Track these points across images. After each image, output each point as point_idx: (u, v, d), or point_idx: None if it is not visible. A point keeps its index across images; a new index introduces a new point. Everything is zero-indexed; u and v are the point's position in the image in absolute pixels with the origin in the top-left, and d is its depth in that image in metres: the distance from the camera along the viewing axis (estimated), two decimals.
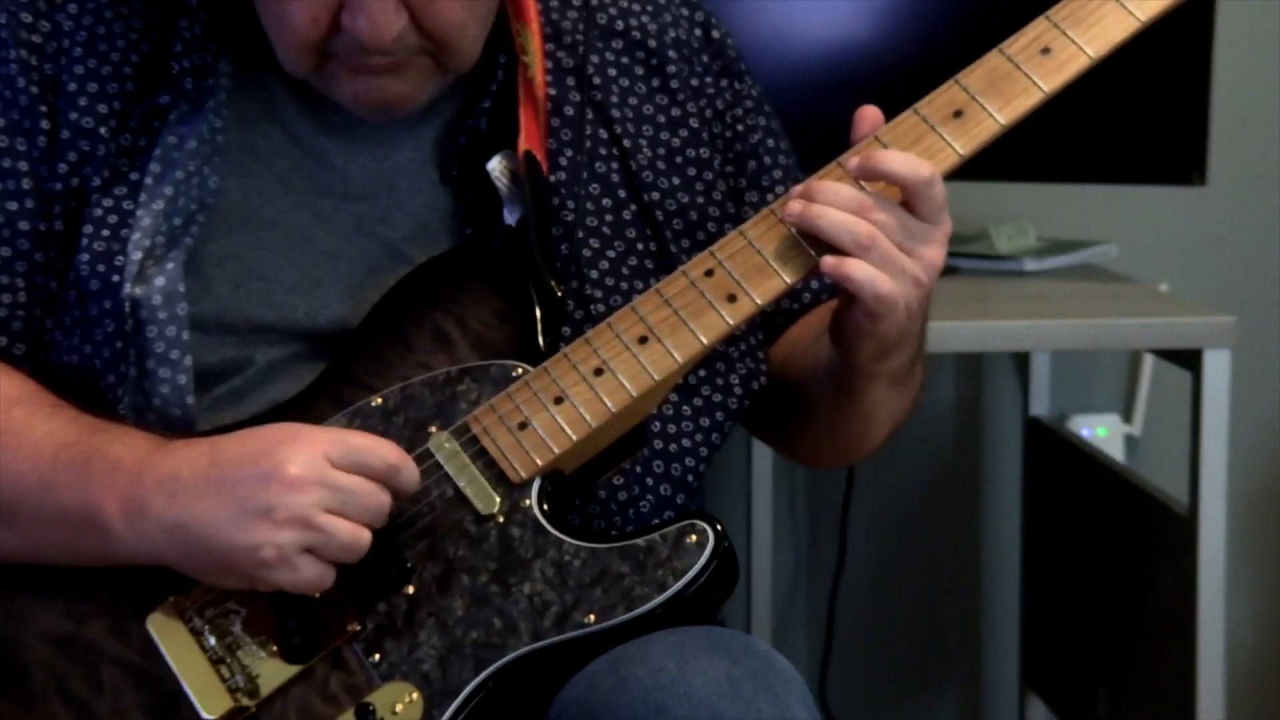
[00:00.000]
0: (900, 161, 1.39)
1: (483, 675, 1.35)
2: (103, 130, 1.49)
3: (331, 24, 1.45)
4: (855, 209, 1.38)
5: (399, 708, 1.35)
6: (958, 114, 1.42)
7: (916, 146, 1.42)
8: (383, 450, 1.37)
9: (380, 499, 1.36)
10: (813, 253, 1.41)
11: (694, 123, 1.63)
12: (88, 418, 1.44)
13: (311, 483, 1.33)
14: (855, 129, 1.44)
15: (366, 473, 1.36)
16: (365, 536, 1.35)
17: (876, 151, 1.40)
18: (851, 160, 1.40)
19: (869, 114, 1.44)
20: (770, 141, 1.68)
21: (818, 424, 1.62)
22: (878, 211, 1.38)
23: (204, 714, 1.36)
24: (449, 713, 1.34)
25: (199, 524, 1.34)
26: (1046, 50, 1.43)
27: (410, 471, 1.38)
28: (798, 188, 1.42)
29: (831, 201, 1.38)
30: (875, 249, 1.37)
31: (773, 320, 1.66)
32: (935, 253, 1.41)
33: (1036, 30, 1.44)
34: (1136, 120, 2.49)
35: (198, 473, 1.36)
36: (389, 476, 1.36)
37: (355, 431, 1.39)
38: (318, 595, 1.37)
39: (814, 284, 1.66)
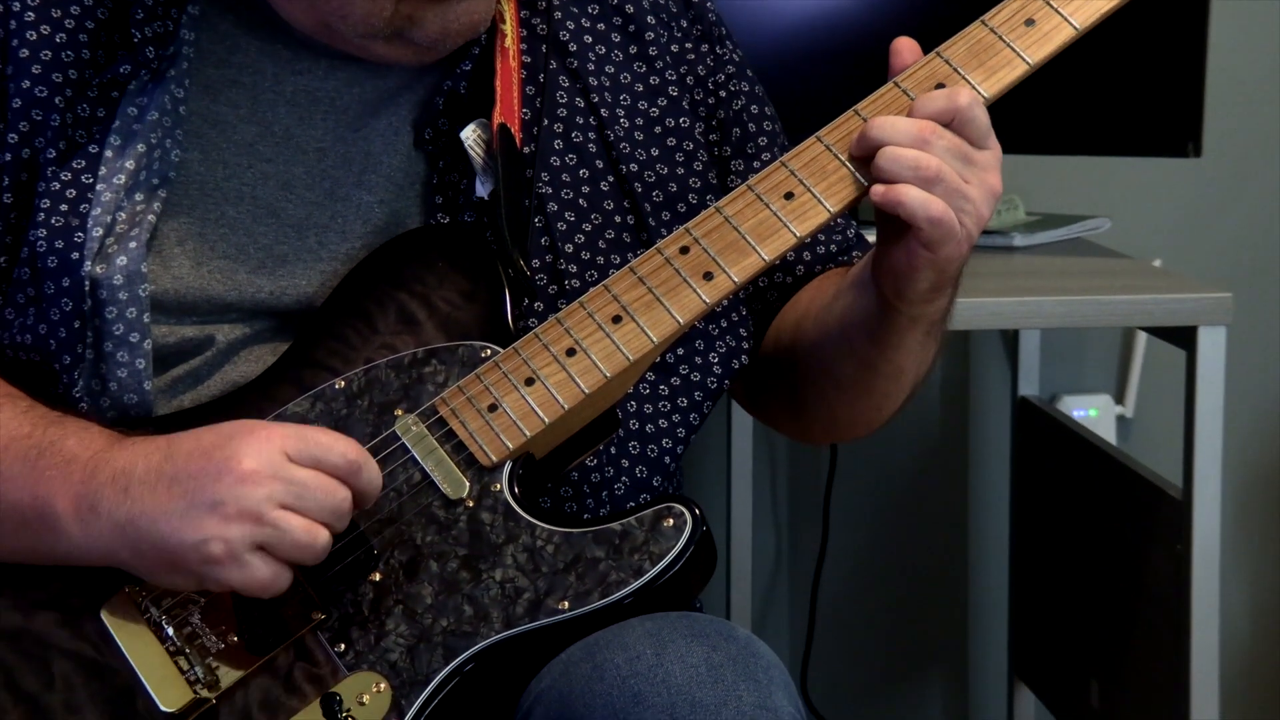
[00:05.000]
0: (935, 100, 1.38)
1: (453, 664, 1.33)
2: (57, 100, 1.47)
3: None
4: (916, 138, 1.36)
5: (366, 698, 1.32)
6: (939, 87, 1.41)
7: None
8: (343, 446, 1.33)
9: (339, 495, 1.32)
10: (792, 229, 1.39)
11: (673, 90, 1.61)
12: (41, 409, 1.41)
13: (265, 476, 1.30)
14: (895, 59, 1.42)
15: (326, 469, 1.32)
16: (323, 535, 1.31)
17: (913, 103, 1.39)
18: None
19: (907, 45, 1.43)
20: (754, 108, 1.66)
21: (841, 388, 1.59)
22: (939, 137, 1.37)
23: (162, 707, 1.33)
24: (418, 703, 1.32)
25: (148, 519, 1.31)
26: (1030, 21, 1.42)
27: (372, 470, 1.34)
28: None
29: (889, 136, 1.37)
30: (941, 182, 1.36)
31: (766, 296, 1.64)
32: (993, 178, 1.40)
33: (1020, 1, 1.43)
34: (1129, 90, 2.47)
35: (151, 468, 1.33)
36: (350, 474, 1.33)
37: (316, 427, 1.36)
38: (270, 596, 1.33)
39: (806, 255, 1.64)
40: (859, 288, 1.50)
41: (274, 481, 1.30)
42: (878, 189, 1.37)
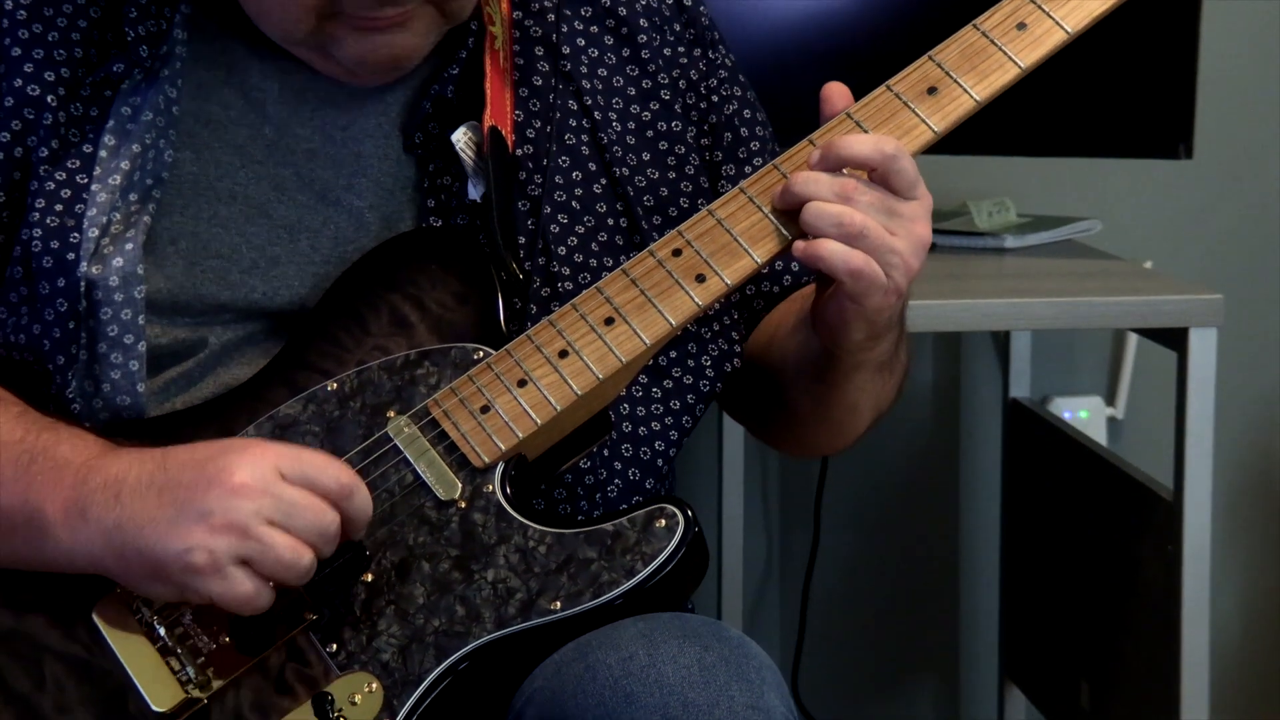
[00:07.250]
0: (862, 144, 1.37)
1: (445, 664, 1.33)
2: (50, 99, 1.46)
3: None
4: (840, 194, 1.36)
5: (358, 698, 1.32)
6: (931, 90, 1.41)
7: (890, 123, 1.41)
8: (335, 470, 1.33)
9: (328, 518, 1.32)
10: (785, 232, 1.40)
11: (666, 94, 1.60)
12: (34, 414, 1.41)
13: (256, 490, 1.30)
14: (825, 106, 1.42)
15: (317, 490, 1.32)
16: (307, 555, 1.31)
17: (836, 139, 1.38)
18: (814, 153, 1.39)
19: (837, 90, 1.42)
20: (746, 112, 1.66)
21: (799, 415, 1.60)
22: (861, 193, 1.36)
23: (154, 707, 1.33)
24: (410, 703, 1.32)
25: (134, 525, 1.31)
26: (1022, 25, 1.42)
27: (363, 496, 1.34)
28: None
29: (813, 192, 1.36)
30: (865, 237, 1.35)
31: (753, 304, 1.64)
32: (921, 228, 1.39)
33: (1012, 5, 1.44)
34: (1121, 92, 2.47)
35: (144, 476, 1.32)
36: (341, 497, 1.33)
37: (311, 449, 1.36)
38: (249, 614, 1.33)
39: (794, 265, 1.64)
40: (806, 329, 1.50)
41: (264, 496, 1.29)
42: (798, 245, 1.37)
